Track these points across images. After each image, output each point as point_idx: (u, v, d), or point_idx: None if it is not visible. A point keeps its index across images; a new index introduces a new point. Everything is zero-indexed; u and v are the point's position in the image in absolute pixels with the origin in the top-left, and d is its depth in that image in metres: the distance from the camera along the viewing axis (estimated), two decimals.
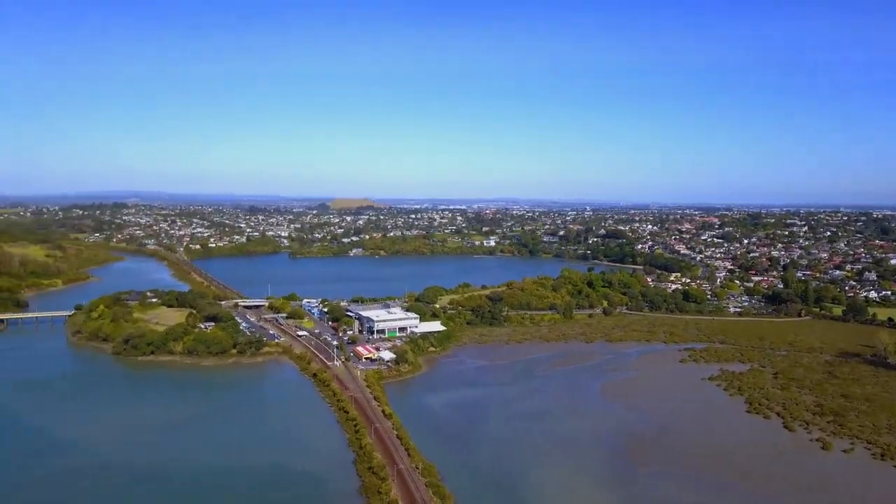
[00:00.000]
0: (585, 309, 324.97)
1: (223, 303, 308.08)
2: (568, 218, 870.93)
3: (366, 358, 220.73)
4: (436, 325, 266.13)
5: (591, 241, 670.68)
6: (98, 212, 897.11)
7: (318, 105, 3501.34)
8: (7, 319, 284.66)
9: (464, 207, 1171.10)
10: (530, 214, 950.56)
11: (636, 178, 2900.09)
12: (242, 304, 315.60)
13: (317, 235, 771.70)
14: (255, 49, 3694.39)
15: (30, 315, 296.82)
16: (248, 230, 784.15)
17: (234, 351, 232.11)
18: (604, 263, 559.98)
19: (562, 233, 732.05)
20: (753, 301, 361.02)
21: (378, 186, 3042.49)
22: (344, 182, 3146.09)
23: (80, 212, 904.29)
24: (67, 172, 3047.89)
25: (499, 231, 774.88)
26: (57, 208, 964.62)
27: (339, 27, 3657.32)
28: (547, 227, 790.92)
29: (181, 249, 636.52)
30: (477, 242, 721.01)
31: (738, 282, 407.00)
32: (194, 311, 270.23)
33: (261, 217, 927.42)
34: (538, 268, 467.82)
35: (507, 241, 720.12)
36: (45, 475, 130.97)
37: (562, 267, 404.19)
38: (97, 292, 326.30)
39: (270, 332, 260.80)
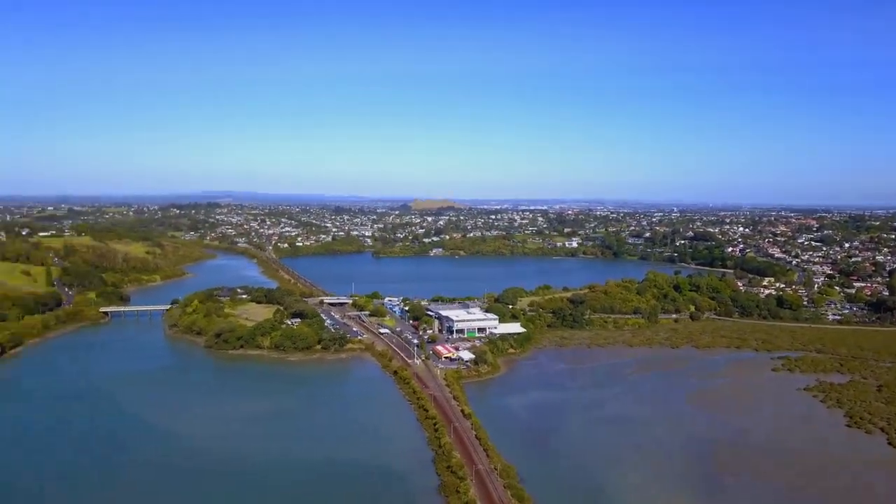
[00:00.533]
0: (671, 313, 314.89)
1: (309, 300, 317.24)
2: (654, 219, 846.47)
3: (445, 357, 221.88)
4: (515, 327, 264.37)
5: (678, 244, 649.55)
6: (193, 211, 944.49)
7: (402, 107, 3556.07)
8: (111, 312, 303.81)
9: (545, 208, 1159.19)
10: (614, 215, 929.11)
11: (726, 177, 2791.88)
12: (327, 301, 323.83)
13: (399, 235, 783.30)
14: (345, 50, 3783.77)
15: (131, 309, 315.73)
16: (333, 230, 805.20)
17: (319, 347, 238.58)
18: (691, 267, 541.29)
19: (647, 234, 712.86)
20: (855, 308, 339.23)
21: (459, 187, 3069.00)
22: (425, 183, 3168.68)
23: (178, 211, 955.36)
24: (167, 173, 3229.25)
25: (581, 232, 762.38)
26: (156, 208, 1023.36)
27: (421, 29, 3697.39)
28: (632, 228, 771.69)
29: (270, 248, 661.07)
30: (558, 244, 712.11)
31: (837, 288, 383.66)
32: (282, 308, 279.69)
33: (346, 217, 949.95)
34: (622, 270, 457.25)
35: (590, 243, 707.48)
36: (142, 461, 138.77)
37: (647, 270, 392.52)
38: (192, 288, 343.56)
39: (354, 329, 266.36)
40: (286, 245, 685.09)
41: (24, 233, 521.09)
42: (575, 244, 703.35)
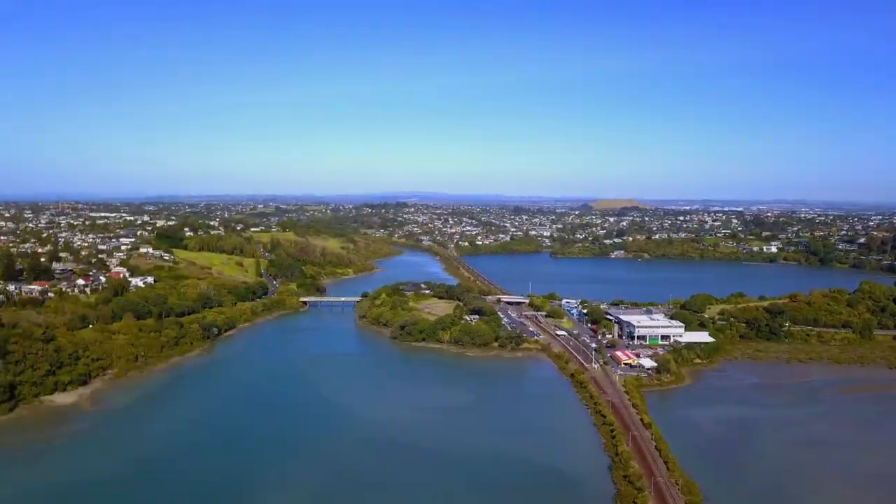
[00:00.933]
0: (890, 329, 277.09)
1: (487, 298, 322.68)
2: (871, 223, 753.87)
3: (624, 363, 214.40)
4: (703, 336, 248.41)
5: None
6: (383, 210, 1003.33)
7: (579, 107, 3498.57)
8: (309, 302, 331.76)
9: (740, 209, 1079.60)
10: (822, 218, 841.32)
11: None
12: (504, 299, 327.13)
13: (578, 236, 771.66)
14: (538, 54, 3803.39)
15: (326, 299, 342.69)
16: (512, 229, 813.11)
17: (496, 344, 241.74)
18: None
19: (862, 240, 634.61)
20: None
21: (643, 187, 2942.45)
22: (608, 183, 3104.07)
23: (369, 210, 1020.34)
24: (364, 175, 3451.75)
25: (782, 236, 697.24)
26: (351, 206, 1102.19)
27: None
28: (843, 232, 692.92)
29: (452, 246, 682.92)
30: (755, 248, 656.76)
31: None
32: (461, 304, 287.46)
33: (524, 217, 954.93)
34: (829, 279, 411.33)
35: (792, 248, 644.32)
36: (333, 443, 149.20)
37: (860, 279, 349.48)
38: (380, 282, 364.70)
39: (530, 328, 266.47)
40: (467, 243, 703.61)
41: (238, 228, 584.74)
42: (774, 249, 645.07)
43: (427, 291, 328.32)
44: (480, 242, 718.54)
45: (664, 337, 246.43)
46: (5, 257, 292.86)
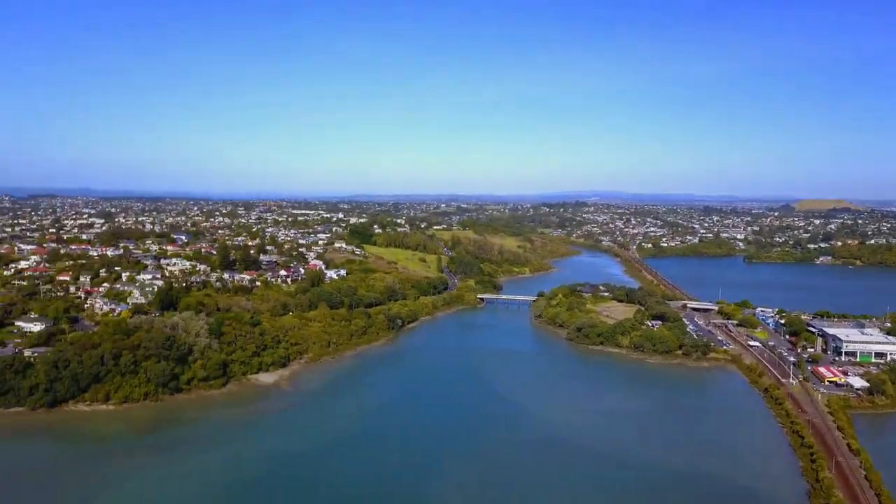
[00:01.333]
0: None
1: (671, 303, 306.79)
2: None
3: (829, 381, 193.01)
4: None
5: None
6: (562, 210, 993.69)
7: (782, 99, 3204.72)
8: (486, 299, 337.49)
9: None
10: None
11: None
12: (690, 305, 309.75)
13: (777, 239, 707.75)
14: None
15: (503, 297, 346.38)
16: (700, 231, 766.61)
17: (680, 352, 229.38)
18: None
19: None
20: None
21: (856, 186, 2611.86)
22: (813, 181, 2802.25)
23: (547, 209, 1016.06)
24: (543, 175, 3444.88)
25: None
26: (529, 206, 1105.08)
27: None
28: None
29: (633, 247, 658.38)
30: None
31: None
32: (642, 308, 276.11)
33: (715, 218, 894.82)
34: None
35: None
36: (509, 441, 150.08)
37: None
38: (556, 282, 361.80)
39: (718, 337, 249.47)
40: (650, 245, 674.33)
41: (422, 226, 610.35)
42: None
43: (605, 294, 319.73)
44: (665, 244, 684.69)
45: (879, 354, 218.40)
46: (222, 249, 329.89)
